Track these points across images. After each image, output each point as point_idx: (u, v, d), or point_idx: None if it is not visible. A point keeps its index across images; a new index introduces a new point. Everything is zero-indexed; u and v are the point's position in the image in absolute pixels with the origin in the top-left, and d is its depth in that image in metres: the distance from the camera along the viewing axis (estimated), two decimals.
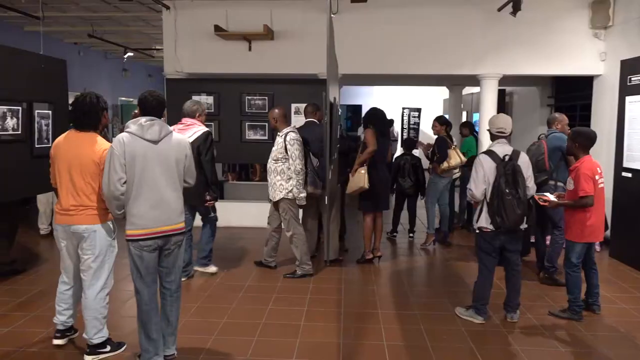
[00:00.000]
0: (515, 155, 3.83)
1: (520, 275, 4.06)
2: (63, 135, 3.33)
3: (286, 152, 4.85)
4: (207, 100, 7.25)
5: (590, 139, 4.05)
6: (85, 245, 3.23)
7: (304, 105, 7.05)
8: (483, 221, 3.86)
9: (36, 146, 4.81)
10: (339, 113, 5.44)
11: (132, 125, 3.01)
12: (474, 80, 7.58)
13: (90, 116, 3.26)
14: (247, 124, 7.21)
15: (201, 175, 4.42)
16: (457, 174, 6.92)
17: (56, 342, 3.44)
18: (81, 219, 3.20)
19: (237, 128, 7.15)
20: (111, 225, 3.34)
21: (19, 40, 8.27)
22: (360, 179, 5.23)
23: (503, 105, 9.87)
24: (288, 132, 4.92)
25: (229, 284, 4.84)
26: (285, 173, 4.88)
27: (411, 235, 6.84)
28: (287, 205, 4.93)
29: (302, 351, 3.46)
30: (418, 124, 14.06)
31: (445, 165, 6.17)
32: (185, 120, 4.76)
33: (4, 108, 4.39)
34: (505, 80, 7.39)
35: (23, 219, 6.62)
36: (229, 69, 7.32)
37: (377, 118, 5.42)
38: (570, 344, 3.68)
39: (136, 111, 12.09)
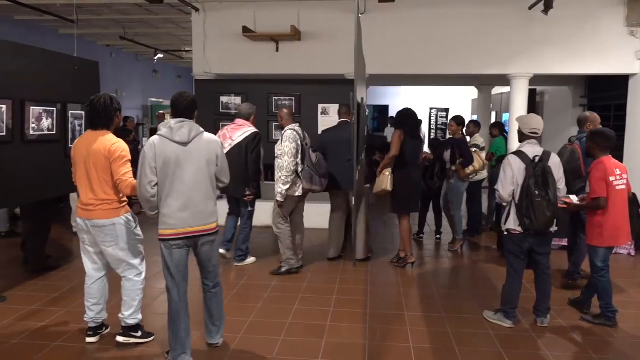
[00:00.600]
0: (545, 156, 3.74)
1: (550, 278, 3.98)
2: (82, 136, 3.49)
3: None
4: (234, 100, 7.33)
5: (609, 139, 3.94)
6: (108, 238, 3.35)
7: (330, 105, 7.10)
8: (511, 223, 3.79)
9: (69, 146, 4.93)
10: (366, 113, 5.42)
11: (163, 128, 3.10)
12: (504, 80, 7.45)
13: (104, 116, 3.39)
14: (273, 124, 7.26)
15: (246, 172, 5.07)
16: (483, 175, 6.82)
17: (88, 340, 3.54)
18: (100, 213, 3.32)
19: (264, 129, 7.20)
20: (130, 217, 3.46)
21: (54, 43, 8.52)
22: (383, 181, 5.21)
23: (533, 105, 9.67)
24: (287, 130, 5.00)
25: (256, 284, 4.88)
26: None
27: (438, 237, 6.76)
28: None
29: (328, 351, 3.47)
30: (446, 124, 13.89)
31: (470, 168, 6.03)
32: (238, 121, 5.27)
33: (40, 109, 4.52)
34: (536, 79, 7.25)
35: (57, 217, 6.82)
36: (257, 69, 7.38)
37: (408, 119, 5.36)
38: (602, 350, 3.58)
39: (161, 111, 12.31)
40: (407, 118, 5.36)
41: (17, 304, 4.23)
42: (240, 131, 5.16)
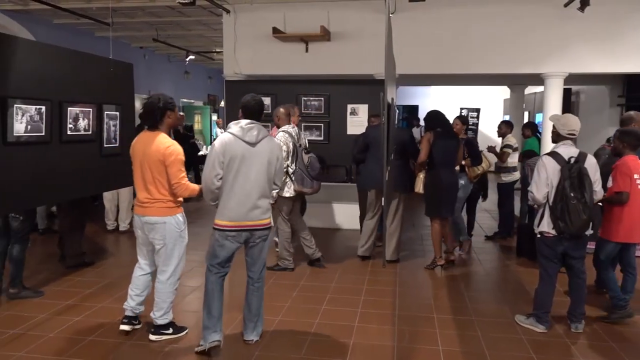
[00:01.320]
0: (581, 157, 3.65)
1: (585, 283, 3.87)
2: (140, 135, 3.58)
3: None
4: (264, 101, 7.38)
5: (638, 138, 4.00)
6: (156, 236, 3.48)
7: (359, 106, 7.07)
8: (545, 226, 3.70)
9: (105, 146, 5.06)
10: (396, 114, 5.39)
11: (234, 127, 3.34)
12: (538, 79, 7.30)
13: (151, 117, 3.49)
14: (303, 124, 7.28)
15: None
16: (516, 176, 6.70)
17: (123, 327, 3.64)
18: (152, 211, 3.45)
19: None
20: (180, 218, 3.55)
21: (91, 45, 8.76)
22: (417, 183, 5.18)
23: (568, 105, 9.43)
24: (279, 131, 5.00)
25: (284, 283, 4.90)
26: None
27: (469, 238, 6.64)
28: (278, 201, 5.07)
29: (356, 352, 3.46)
30: (477, 124, 13.69)
31: (480, 169, 5.87)
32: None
33: (77, 109, 4.65)
34: (571, 78, 7.07)
35: (91, 215, 7.00)
36: (286, 70, 7.42)
37: (439, 121, 5.30)
38: (638, 357, 3.47)
39: (181, 113, 12.44)
40: (436, 119, 5.30)
41: (53, 298, 4.36)
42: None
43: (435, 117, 5.34)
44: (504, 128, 6.88)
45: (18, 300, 4.30)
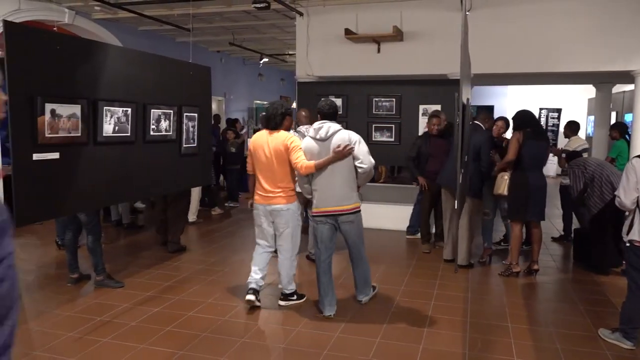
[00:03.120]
0: None
1: None
2: (257, 134, 4.22)
3: None
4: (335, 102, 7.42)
5: None
6: (281, 220, 4.08)
7: (432, 106, 6.94)
8: (635, 234, 3.44)
9: (184, 146, 5.31)
10: (471, 114, 5.23)
11: (310, 130, 4.02)
12: (627, 77, 6.78)
13: (273, 119, 4.10)
14: (373, 125, 7.25)
15: None
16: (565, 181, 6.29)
17: (248, 297, 4.15)
18: (278, 200, 4.05)
19: (364, 130, 7.21)
20: (297, 204, 4.19)
21: (172, 50, 9.22)
22: (501, 184, 4.99)
23: None
24: (292, 132, 5.17)
25: (352, 284, 4.88)
26: None
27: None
28: None
29: (425, 358, 3.39)
30: (557, 125, 13.01)
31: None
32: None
33: (159, 112, 4.91)
34: None
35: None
36: (358, 71, 7.41)
37: (528, 120, 5.10)
38: None
39: (264, 113, 12.80)
40: (525, 119, 5.09)
41: (135, 289, 4.63)
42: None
43: (525, 117, 5.13)
44: (567, 130, 6.62)
45: (103, 289, 4.62)
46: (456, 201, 4.49)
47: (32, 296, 4.54)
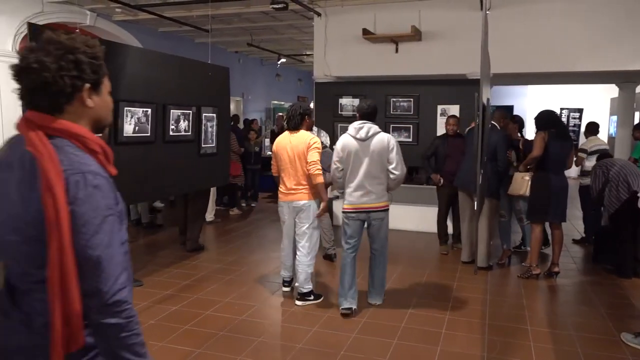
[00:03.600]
0: None
1: None
2: (281, 136, 4.38)
3: None
4: (352, 102, 7.42)
5: None
6: (303, 216, 4.24)
7: (450, 106, 6.89)
8: None
9: (202, 146, 5.35)
10: (490, 113, 5.16)
11: (350, 128, 4.08)
12: None
13: (293, 120, 4.28)
14: (391, 126, 7.22)
15: None
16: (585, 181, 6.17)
17: (284, 289, 4.57)
18: (300, 196, 4.22)
19: (382, 130, 7.17)
20: (317, 203, 4.29)
21: (191, 51, 9.31)
22: (521, 184, 4.93)
23: None
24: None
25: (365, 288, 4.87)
26: None
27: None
28: None
29: None
30: (579, 126, 12.79)
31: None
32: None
33: (179, 112, 4.96)
34: None
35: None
36: (375, 71, 7.39)
37: (552, 121, 5.04)
38: None
39: (280, 113, 12.88)
40: (549, 119, 5.02)
41: (154, 288, 4.69)
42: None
43: (549, 117, 5.06)
44: (585, 130, 6.58)
45: None
46: (476, 202, 4.44)
47: None
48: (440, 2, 6.94)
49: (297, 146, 4.18)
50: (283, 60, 12.77)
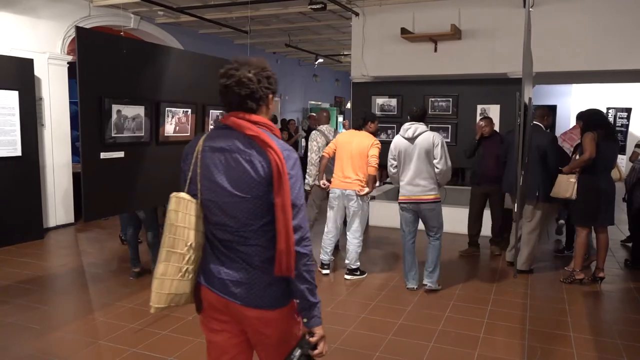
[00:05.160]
0: None
1: None
2: (344, 132, 5.23)
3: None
4: (390, 102, 7.37)
5: None
6: (354, 204, 4.90)
7: (490, 106, 6.75)
8: None
9: None
10: (532, 113, 5.01)
11: (401, 129, 4.62)
12: None
13: (357, 122, 5.10)
14: (429, 126, 7.09)
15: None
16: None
17: (324, 272, 5.12)
18: (353, 186, 4.87)
19: None
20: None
21: (230, 52, 9.46)
22: (566, 187, 4.77)
23: None
24: (313, 131, 5.87)
25: (405, 286, 4.83)
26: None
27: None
28: (312, 193, 5.71)
29: None
30: (627, 126, 12.29)
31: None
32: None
33: (218, 112, 5.05)
34: None
35: None
36: (414, 71, 7.31)
37: (601, 122, 4.87)
38: None
39: (312, 113, 12.96)
40: (597, 119, 4.85)
41: None
42: None
43: (597, 117, 4.88)
44: None
45: None
46: (516, 204, 4.32)
47: (98, 288, 4.79)
48: (480, 1, 6.81)
49: (360, 143, 4.86)
50: (320, 60, 12.81)
